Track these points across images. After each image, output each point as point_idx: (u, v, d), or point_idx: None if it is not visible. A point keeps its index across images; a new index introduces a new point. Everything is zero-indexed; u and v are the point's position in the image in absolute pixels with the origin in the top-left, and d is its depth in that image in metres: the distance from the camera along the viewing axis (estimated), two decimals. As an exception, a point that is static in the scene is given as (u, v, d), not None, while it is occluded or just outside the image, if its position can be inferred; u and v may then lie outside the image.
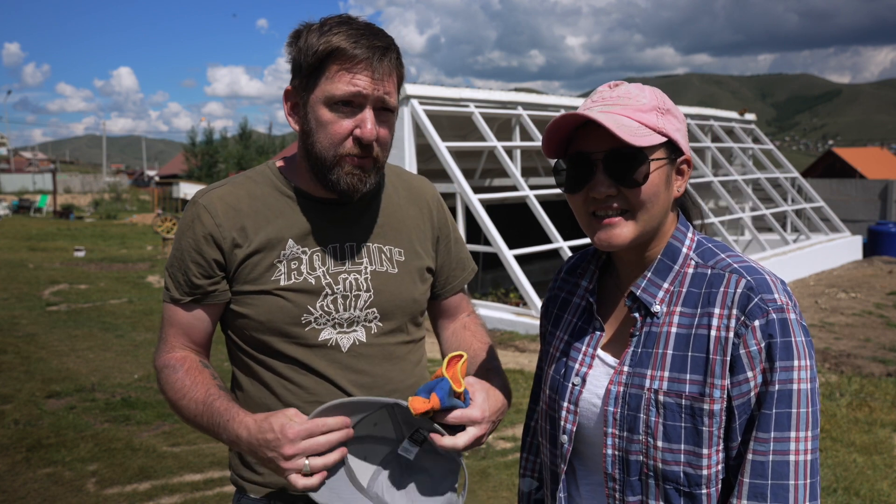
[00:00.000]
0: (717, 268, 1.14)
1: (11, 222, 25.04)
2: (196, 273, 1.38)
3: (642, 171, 1.10)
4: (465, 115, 9.53)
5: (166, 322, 1.45)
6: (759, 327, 1.06)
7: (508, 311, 8.22)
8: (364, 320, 1.42)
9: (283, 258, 1.39)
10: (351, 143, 1.32)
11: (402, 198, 1.54)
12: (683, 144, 1.17)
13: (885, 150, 36.87)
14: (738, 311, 1.08)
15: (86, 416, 5.14)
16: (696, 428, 1.09)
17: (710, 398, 1.08)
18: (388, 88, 1.33)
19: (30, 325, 8.21)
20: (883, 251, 13.78)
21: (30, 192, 42.26)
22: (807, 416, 1.05)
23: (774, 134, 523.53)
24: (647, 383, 1.12)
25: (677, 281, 1.16)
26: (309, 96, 1.34)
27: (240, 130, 45.21)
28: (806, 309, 9.12)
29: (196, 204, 1.41)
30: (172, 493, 3.89)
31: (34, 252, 16.01)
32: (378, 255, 1.46)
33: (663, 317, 1.15)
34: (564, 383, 1.24)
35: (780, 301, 1.08)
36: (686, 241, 1.20)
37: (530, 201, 8.91)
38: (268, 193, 1.43)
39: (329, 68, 1.30)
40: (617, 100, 1.14)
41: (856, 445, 4.55)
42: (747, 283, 1.09)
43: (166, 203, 35.18)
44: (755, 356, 1.06)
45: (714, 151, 13.32)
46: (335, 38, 1.29)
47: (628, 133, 1.07)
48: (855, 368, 6.39)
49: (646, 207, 1.13)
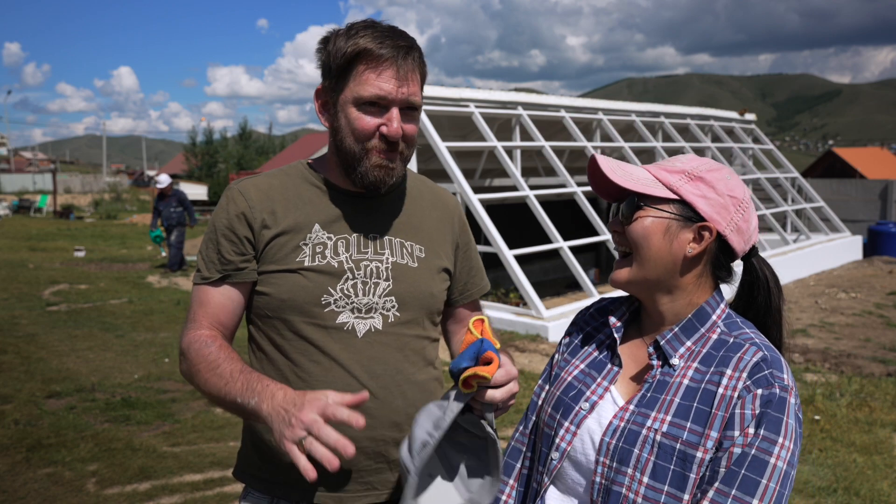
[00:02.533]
0: (740, 339, 1.20)
1: (11, 222, 25.05)
2: (229, 250, 1.46)
3: (629, 210, 1.23)
4: (465, 115, 9.52)
5: (196, 303, 1.49)
6: (760, 396, 1.11)
7: (508, 311, 8.22)
8: (382, 308, 1.46)
9: (309, 241, 1.45)
10: (377, 140, 1.41)
11: (427, 201, 1.61)
12: (708, 212, 1.21)
13: (885, 150, 36.87)
14: (748, 377, 1.14)
15: (86, 416, 5.14)
16: (684, 473, 1.13)
17: (703, 448, 1.12)
18: (413, 88, 1.41)
19: (30, 325, 8.21)
20: (883, 251, 13.78)
21: (30, 192, 42.25)
22: (773, 493, 1.07)
23: (774, 134, 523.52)
24: (649, 423, 1.17)
25: (700, 342, 1.22)
26: (339, 96, 1.42)
27: (240, 130, 45.22)
28: (806, 309, 9.13)
29: (231, 189, 1.51)
30: (172, 494, 3.89)
31: (34, 252, 16.01)
32: (400, 248, 1.51)
33: (679, 369, 1.21)
34: (571, 405, 1.28)
35: (787, 382, 1.14)
36: (718, 310, 1.26)
37: (530, 201, 8.91)
38: (298, 184, 1.52)
39: (357, 69, 1.39)
40: (664, 162, 1.29)
41: (856, 445, 4.55)
42: (763, 357, 1.15)
43: (166, 203, 35.19)
44: (748, 419, 1.11)
45: (714, 151, 13.32)
46: (361, 40, 1.38)
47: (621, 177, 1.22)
48: (855, 368, 6.39)
49: (639, 251, 1.23)
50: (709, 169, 1.24)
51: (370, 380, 1.42)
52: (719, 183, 1.23)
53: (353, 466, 1.42)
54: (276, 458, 1.44)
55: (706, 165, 1.25)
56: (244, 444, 1.53)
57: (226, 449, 4.53)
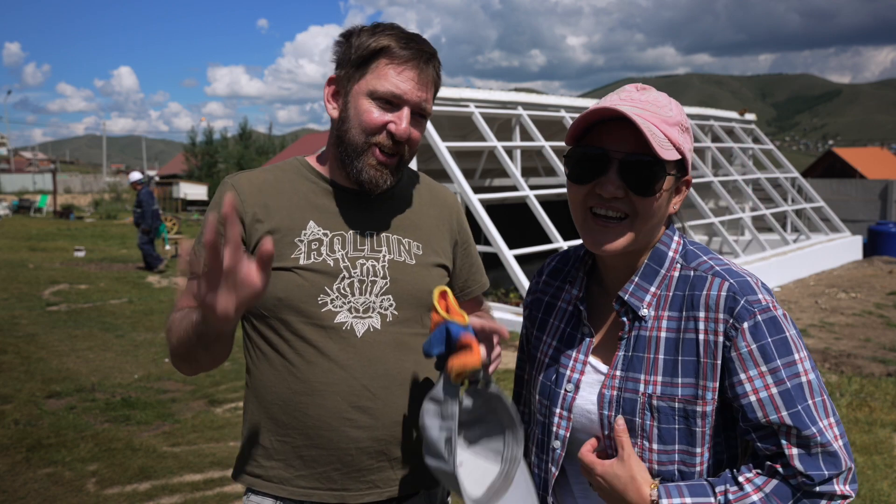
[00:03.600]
0: (700, 270, 1.16)
1: (11, 222, 25.05)
2: None
3: (659, 182, 1.11)
4: (465, 115, 9.52)
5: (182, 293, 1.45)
6: (749, 329, 1.08)
7: (508, 311, 8.21)
8: (379, 307, 1.44)
9: (305, 238, 1.43)
10: (384, 135, 1.40)
11: (425, 198, 1.60)
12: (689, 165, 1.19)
13: (885, 150, 36.87)
14: (726, 315, 1.09)
15: (86, 416, 5.14)
16: (690, 429, 1.11)
17: (702, 400, 1.10)
18: (427, 95, 1.42)
19: (30, 325, 8.20)
20: (883, 251, 13.78)
21: (30, 192, 42.23)
22: (824, 405, 1.08)
23: (774, 134, 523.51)
24: (641, 388, 1.14)
25: (664, 285, 1.18)
26: (353, 86, 1.41)
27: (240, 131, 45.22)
28: (806, 309, 9.12)
29: (224, 183, 1.50)
30: (172, 493, 3.89)
31: (34, 252, 16.01)
32: (397, 245, 1.49)
33: (651, 321, 1.16)
34: (556, 390, 1.24)
35: (765, 301, 1.10)
36: (672, 244, 1.21)
37: (530, 201, 8.91)
38: (294, 179, 1.50)
39: (377, 62, 1.39)
40: (647, 105, 1.12)
41: (856, 445, 4.55)
42: (730, 287, 1.11)
43: (166, 203, 35.19)
44: (746, 358, 1.08)
45: (714, 151, 13.32)
46: (386, 38, 1.39)
47: (657, 143, 1.07)
48: (855, 368, 6.39)
49: (646, 218, 1.13)
50: (685, 115, 1.18)
51: (371, 380, 1.41)
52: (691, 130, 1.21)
53: (355, 465, 1.41)
54: (278, 456, 1.44)
55: (681, 109, 1.18)
56: (244, 445, 1.52)
57: (226, 449, 4.53)
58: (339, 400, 1.39)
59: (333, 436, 1.39)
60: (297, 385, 1.41)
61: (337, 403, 1.39)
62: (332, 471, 1.41)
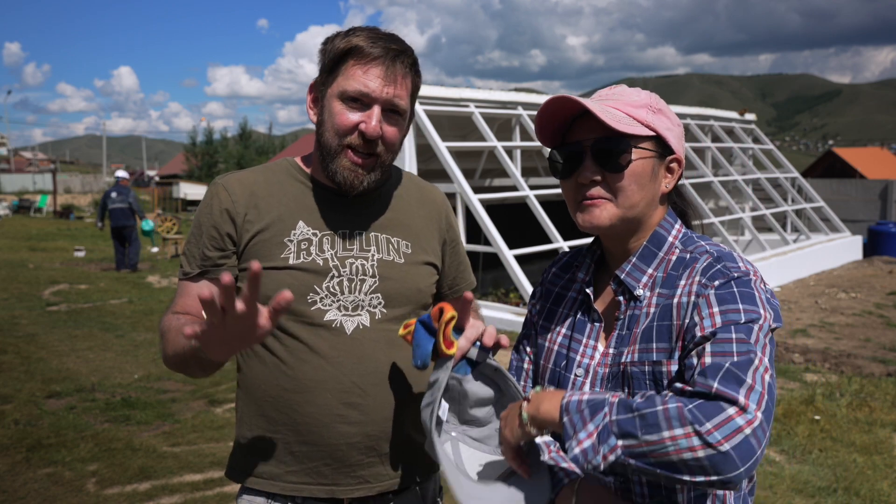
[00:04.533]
0: (695, 252, 1.19)
1: (11, 222, 25.04)
2: (209, 246, 1.45)
3: (625, 157, 1.16)
4: (465, 115, 9.53)
5: (177, 296, 1.50)
6: (717, 285, 1.09)
7: (508, 311, 8.21)
8: (368, 305, 1.46)
9: (294, 238, 1.45)
10: (356, 136, 1.40)
11: (413, 198, 1.61)
12: (675, 144, 1.22)
13: (885, 150, 36.87)
14: (700, 276, 1.12)
15: (86, 416, 5.14)
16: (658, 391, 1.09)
17: (669, 360, 1.11)
18: (399, 91, 1.41)
19: (30, 325, 8.21)
20: (883, 251, 13.78)
21: (30, 192, 42.23)
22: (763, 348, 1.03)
23: (774, 134, 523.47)
24: (622, 359, 1.16)
25: (661, 267, 1.20)
26: (326, 90, 1.43)
27: (240, 131, 45.23)
28: (806, 309, 9.12)
29: (215, 184, 1.51)
30: (172, 493, 3.89)
31: (34, 252, 16.01)
32: (386, 244, 1.51)
33: (645, 300, 1.18)
34: (566, 374, 1.25)
35: (744, 268, 1.12)
36: (673, 231, 1.24)
37: (530, 201, 8.91)
38: (283, 180, 1.52)
39: (346, 63, 1.40)
40: (611, 96, 1.22)
41: (856, 445, 4.55)
42: (714, 256, 1.15)
43: (166, 203, 35.18)
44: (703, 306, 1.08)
45: (714, 151, 13.32)
46: (355, 38, 1.40)
47: (613, 119, 1.14)
48: (855, 368, 6.39)
49: (626, 193, 1.17)
50: (658, 99, 1.24)
51: (360, 377, 1.42)
52: (670, 112, 1.24)
53: (346, 461, 1.43)
54: (269, 453, 1.46)
55: (653, 96, 1.24)
56: (237, 443, 1.54)
57: (226, 449, 4.53)
58: (329, 397, 1.41)
59: (324, 432, 1.41)
60: (287, 382, 1.42)
61: (327, 400, 1.41)
62: (322, 466, 1.43)
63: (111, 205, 12.91)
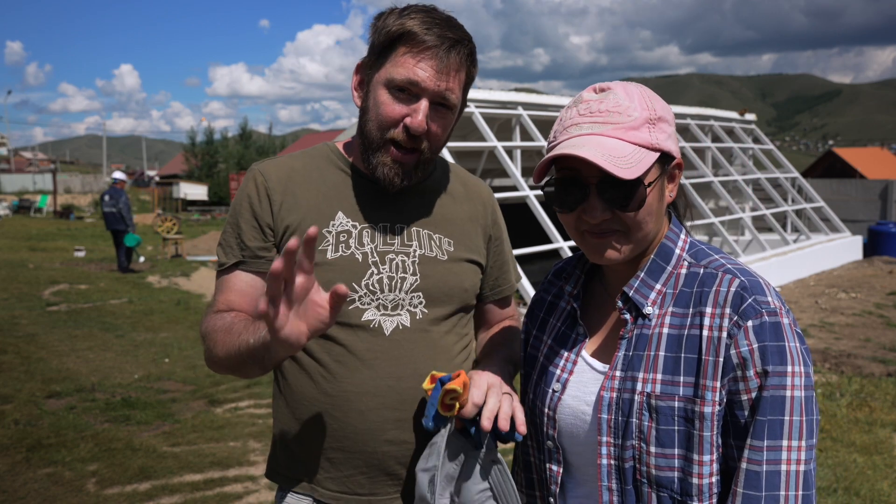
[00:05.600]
0: (711, 267, 1.12)
1: (12, 222, 25.04)
2: (248, 235, 1.38)
3: (638, 197, 1.07)
4: (465, 115, 9.52)
5: (217, 291, 1.41)
6: (752, 328, 1.03)
7: (508, 311, 8.21)
8: (409, 304, 1.38)
9: (332, 229, 1.37)
10: (400, 130, 1.31)
11: (458, 193, 1.53)
12: (674, 150, 1.13)
13: (885, 150, 36.88)
14: (731, 311, 1.05)
15: (86, 416, 5.14)
16: (690, 432, 1.05)
17: (702, 400, 1.05)
18: (451, 84, 1.31)
19: (30, 325, 8.21)
20: (883, 251, 13.78)
21: (30, 192, 42.23)
22: (800, 426, 1.02)
23: (775, 134, 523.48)
24: (640, 387, 1.09)
25: (670, 282, 1.14)
26: (374, 75, 1.34)
27: (240, 130, 45.25)
28: (806, 309, 9.12)
29: (252, 170, 1.43)
30: (172, 493, 3.89)
31: (34, 252, 16.02)
32: (428, 240, 1.43)
33: (655, 318, 1.12)
34: (545, 389, 1.22)
35: (774, 304, 1.05)
36: (679, 241, 1.17)
37: (530, 201, 8.91)
38: (323, 167, 1.44)
39: (397, 50, 1.30)
40: (606, 116, 1.08)
41: (856, 445, 4.55)
42: (741, 284, 1.07)
43: (166, 203, 35.19)
44: (747, 357, 1.03)
45: (714, 151, 13.31)
46: (409, 21, 1.29)
47: (623, 165, 1.04)
48: (855, 368, 6.39)
49: (640, 227, 1.10)
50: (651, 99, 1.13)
51: (398, 381, 1.34)
52: (664, 110, 1.13)
53: (383, 469, 1.37)
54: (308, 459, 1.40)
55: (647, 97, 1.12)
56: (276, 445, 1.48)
57: (226, 449, 4.53)
58: (366, 402, 1.34)
59: (360, 439, 1.35)
60: (324, 385, 1.36)
61: (364, 406, 1.34)
62: (359, 475, 1.37)
63: (104, 208, 13.09)
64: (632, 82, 1.15)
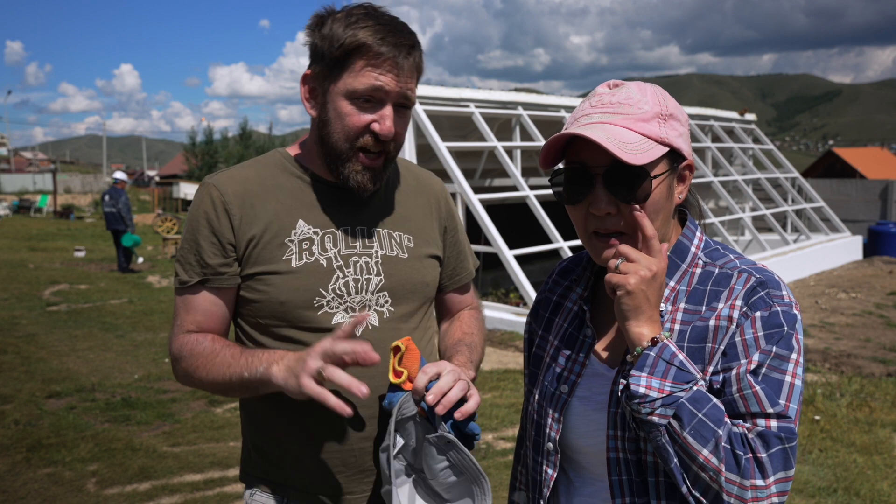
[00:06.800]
0: (726, 268, 1.12)
1: (12, 222, 25.04)
2: (208, 252, 1.37)
3: (644, 189, 1.06)
4: (465, 115, 9.52)
5: (178, 310, 1.41)
6: (760, 318, 1.04)
7: (508, 311, 8.21)
8: (376, 304, 1.41)
9: (295, 237, 1.38)
10: (368, 137, 1.34)
11: (412, 188, 1.55)
12: (686, 149, 1.12)
13: (885, 150, 36.89)
14: (742, 303, 1.06)
15: (86, 416, 5.14)
16: None
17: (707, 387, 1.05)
18: (410, 84, 1.35)
19: (30, 325, 8.21)
20: (883, 251, 13.78)
21: (30, 192, 42.21)
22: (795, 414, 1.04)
23: (775, 134, 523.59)
24: None
25: (684, 280, 1.14)
26: (330, 86, 1.34)
27: (240, 131, 45.23)
28: (806, 309, 9.12)
29: (206, 184, 1.40)
30: (172, 493, 3.89)
31: (34, 252, 16.02)
32: (388, 239, 1.46)
33: (667, 314, 1.12)
34: (552, 391, 1.22)
35: (788, 299, 1.07)
36: (695, 240, 1.18)
37: (530, 201, 8.91)
38: (277, 174, 1.43)
39: (354, 63, 1.30)
40: (617, 107, 1.09)
41: (856, 445, 4.55)
42: (757, 280, 1.08)
43: (166, 203, 35.17)
44: (751, 344, 1.04)
45: (714, 151, 13.32)
46: (361, 32, 1.29)
47: (629, 151, 1.03)
48: (855, 368, 6.39)
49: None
50: (664, 97, 1.12)
51: (371, 380, 1.36)
52: (677, 109, 1.13)
53: (358, 467, 1.40)
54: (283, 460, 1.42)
55: (660, 95, 1.12)
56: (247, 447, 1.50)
57: (226, 449, 4.53)
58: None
59: (335, 437, 1.38)
60: None
61: None
62: (335, 472, 1.39)
63: (104, 208, 13.12)
64: (647, 83, 1.15)
